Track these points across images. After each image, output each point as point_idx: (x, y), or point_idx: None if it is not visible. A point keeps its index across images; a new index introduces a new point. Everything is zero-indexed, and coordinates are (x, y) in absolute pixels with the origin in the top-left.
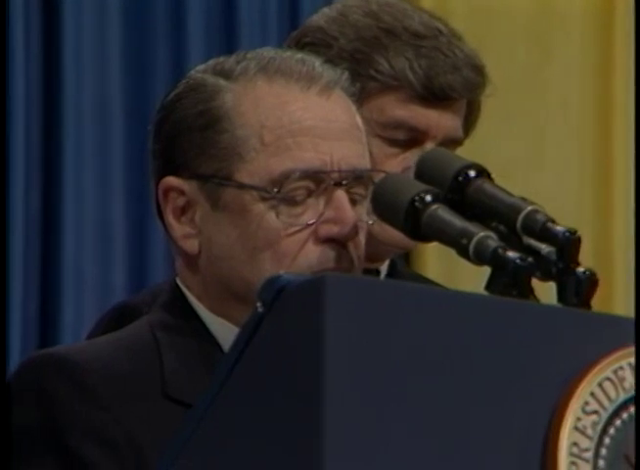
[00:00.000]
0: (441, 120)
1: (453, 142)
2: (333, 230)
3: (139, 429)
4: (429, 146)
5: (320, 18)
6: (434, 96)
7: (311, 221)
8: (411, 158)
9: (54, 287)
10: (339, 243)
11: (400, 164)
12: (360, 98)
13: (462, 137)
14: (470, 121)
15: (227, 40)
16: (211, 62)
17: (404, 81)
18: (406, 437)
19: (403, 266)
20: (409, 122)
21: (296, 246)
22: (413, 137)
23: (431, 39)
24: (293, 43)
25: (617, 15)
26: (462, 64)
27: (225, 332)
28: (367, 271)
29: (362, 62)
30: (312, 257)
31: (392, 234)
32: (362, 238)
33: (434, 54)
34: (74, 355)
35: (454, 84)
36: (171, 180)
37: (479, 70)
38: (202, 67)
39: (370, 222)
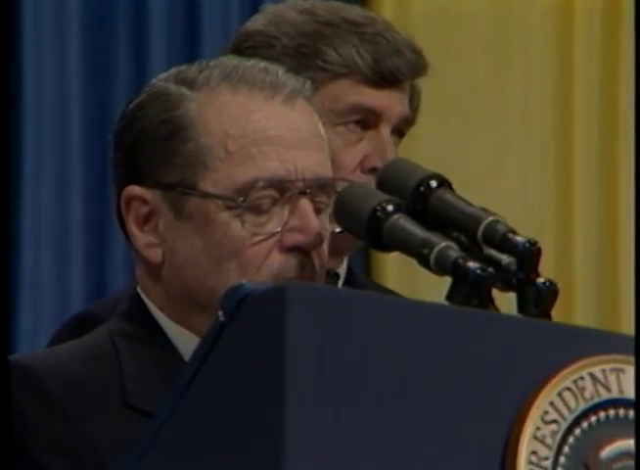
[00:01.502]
0: (392, 103)
1: (406, 123)
2: (297, 239)
3: (100, 438)
4: (383, 129)
5: (255, 23)
6: (383, 79)
7: (276, 230)
8: (368, 146)
9: (12, 293)
10: (302, 252)
11: (359, 152)
12: None
13: (412, 120)
14: (413, 107)
15: (189, 46)
16: (173, 70)
17: (354, 67)
18: (365, 445)
19: (362, 276)
20: (364, 104)
21: (260, 255)
22: (368, 120)
23: (369, 26)
24: (230, 51)
25: (576, 27)
26: (403, 47)
27: (186, 341)
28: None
29: (309, 55)
30: (276, 265)
31: None
32: (325, 247)
33: (376, 39)
34: (35, 364)
35: (400, 67)
36: (134, 189)
37: (418, 53)
38: (164, 75)
39: (337, 231)
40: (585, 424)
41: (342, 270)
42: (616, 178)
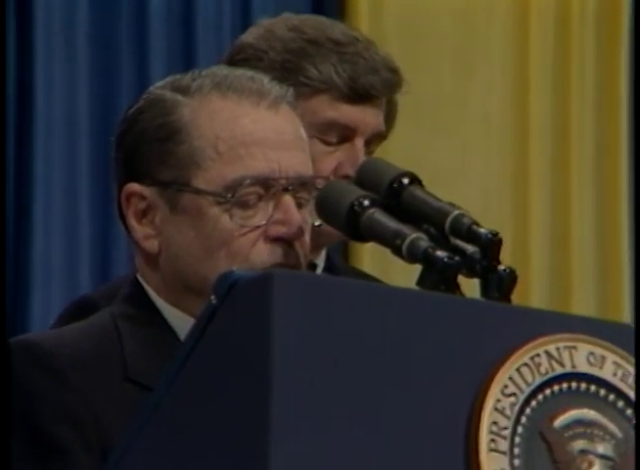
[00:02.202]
0: (366, 117)
1: (379, 137)
2: (281, 231)
3: (104, 409)
4: (358, 141)
5: (248, 36)
6: (358, 96)
7: (261, 223)
8: (342, 155)
9: (24, 282)
10: (286, 242)
11: (334, 161)
12: None
13: (385, 132)
14: (390, 118)
15: (185, 62)
16: (169, 79)
17: (331, 84)
18: (343, 420)
19: (340, 261)
20: (339, 121)
21: (247, 245)
22: (344, 134)
23: (350, 46)
24: (225, 62)
25: (531, 39)
26: (380, 66)
27: (182, 322)
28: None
29: (292, 70)
30: (262, 254)
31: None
32: (307, 238)
33: (355, 59)
34: (44, 342)
35: (375, 84)
36: (133, 186)
37: (394, 71)
38: (160, 83)
39: (316, 224)
40: (541, 396)
41: (321, 260)
42: (568, 176)
